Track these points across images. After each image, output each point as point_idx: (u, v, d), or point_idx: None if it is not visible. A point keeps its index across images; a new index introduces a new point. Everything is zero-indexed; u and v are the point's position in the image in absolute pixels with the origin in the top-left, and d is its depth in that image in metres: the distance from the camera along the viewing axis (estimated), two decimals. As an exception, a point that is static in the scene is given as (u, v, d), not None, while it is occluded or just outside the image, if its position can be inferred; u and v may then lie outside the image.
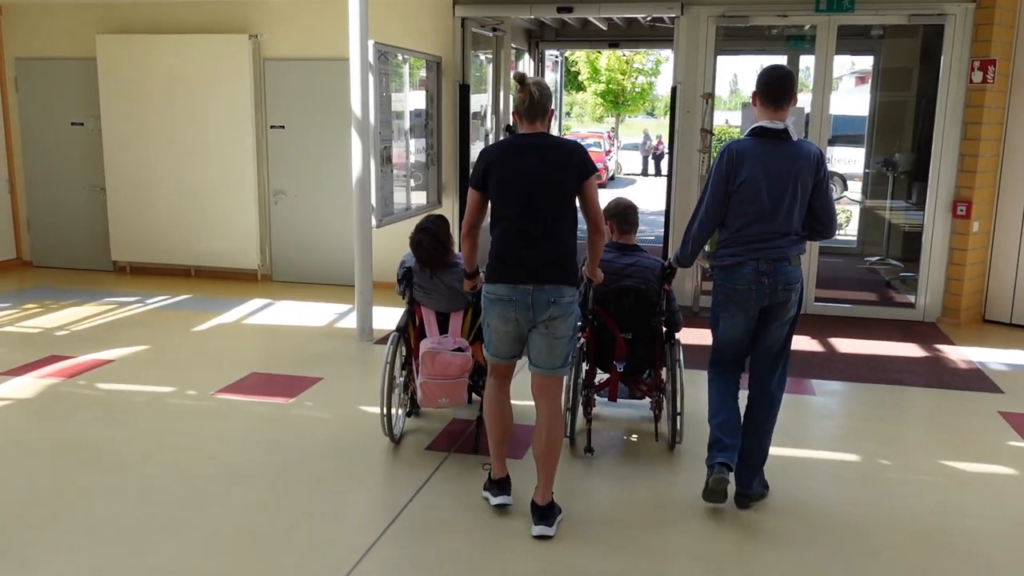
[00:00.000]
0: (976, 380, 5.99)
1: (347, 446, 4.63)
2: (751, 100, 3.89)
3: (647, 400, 4.83)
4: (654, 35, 11.01)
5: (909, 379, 5.99)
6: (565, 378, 3.90)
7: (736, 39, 9.44)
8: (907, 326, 7.53)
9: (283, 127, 8.56)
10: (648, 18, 8.55)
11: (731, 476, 3.85)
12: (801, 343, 6.83)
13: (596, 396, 4.72)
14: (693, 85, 7.71)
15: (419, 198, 8.18)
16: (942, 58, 7.37)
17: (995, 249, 7.63)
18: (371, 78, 6.37)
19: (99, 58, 8.66)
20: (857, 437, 4.93)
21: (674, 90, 7.92)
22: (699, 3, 7.66)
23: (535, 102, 3.64)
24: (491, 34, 9.00)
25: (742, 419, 3.94)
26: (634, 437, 4.88)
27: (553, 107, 3.77)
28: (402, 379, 4.67)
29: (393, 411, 4.54)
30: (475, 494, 4.05)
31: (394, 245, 8.16)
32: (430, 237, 4.46)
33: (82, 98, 8.89)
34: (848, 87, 21.37)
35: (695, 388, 4.66)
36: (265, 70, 8.50)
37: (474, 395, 4.58)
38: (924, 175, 9.78)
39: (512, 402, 3.92)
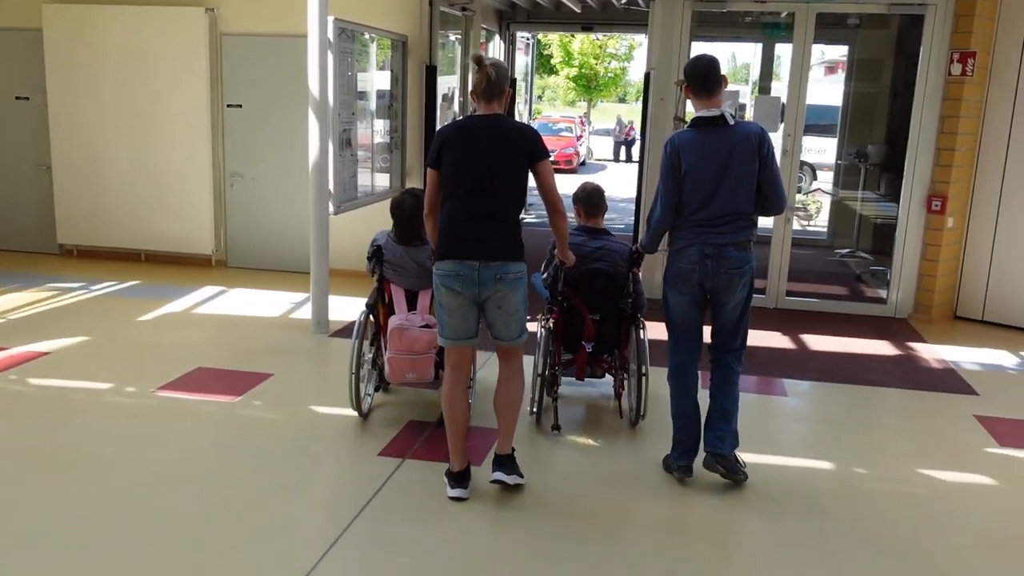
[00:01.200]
0: (950, 381, 5.84)
1: (295, 451, 4.34)
2: (686, 94, 4.04)
3: (609, 378, 4.99)
4: (628, 19, 10.76)
5: (882, 379, 5.82)
6: (535, 357, 4.41)
7: (710, 25, 9.18)
8: (879, 322, 7.38)
9: (240, 106, 8.19)
10: (623, 0, 8.28)
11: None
12: (772, 340, 6.65)
13: (562, 376, 4.82)
14: (667, 71, 7.46)
15: (383, 181, 7.87)
16: (921, 49, 7.18)
17: (968, 245, 7.49)
18: (330, 57, 6.05)
19: (45, 29, 8.20)
20: (831, 443, 4.74)
21: (647, 76, 7.67)
22: (674, -13, 7.40)
23: (492, 83, 3.73)
24: (460, 13, 8.69)
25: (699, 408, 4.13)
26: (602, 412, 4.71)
27: (510, 88, 3.90)
28: (370, 354, 4.74)
29: (362, 386, 4.59)
30: (429, 505, 3.80)
31: (354, 230, 7.86)
32: (414, 198, 4.56)
33: (27, 71, 8.42)
34: (817, 76, 21.25)
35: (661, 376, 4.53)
36: (222, 46, 8.12)
37: (441, 372, 4.53)
38: (896, 167, 9.67)
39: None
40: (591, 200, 4.78)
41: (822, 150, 17.63)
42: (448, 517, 3.73)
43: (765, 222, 7.15)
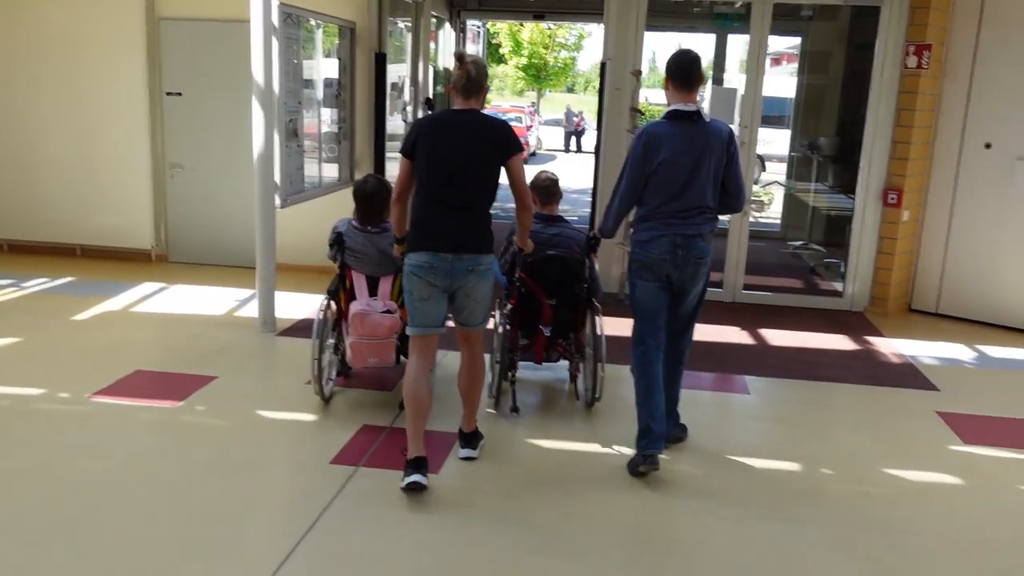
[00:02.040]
0: (910, 376, 5.81)
1: (242, 459, 4.10)
2: (664, 85, 4.10)
3: (564, 362, 5.12)
4: (581, 7, 10.59)
5: (843, 375, 5.77)
6: (495, 341, 4.59)
7: (660, 15, 9.06)
8: (835, 316, 7.34)
9: (180, 94, 7.83)
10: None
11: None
12: (731, 335, 6.57)
13: (519, 360, 4.90)
14: (623, 61, 7.31)
15: (331, 172, 7.58)
16: (876, 42, 7.14)
17: (923, 238, 7.49)
18: (275, 43, 5.76)
19: (-31, 12, 7.76)
20: (794, 442, 4.65)
21: (603, 66, 7.50)
22: (631, -27, 7.25)
23: (471, 80, 3.85)
24: (410, 0, 8.43)
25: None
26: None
27: (488, 85, 4.01)
28: (332, 340, 4.76)
29: (324, 373, 4.66)
30: (386, 517, 3.60)
31: (302, 224, 7.59)
32: (376, 180, 4.75)
33: (-50, 56, 7.97)
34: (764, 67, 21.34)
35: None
36: (160, 30, 7.74)
37: (402, 357, 4.69)
38: (848, 159, 9.69)
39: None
40: (547, 189, 4.91)
41: (769, 141, 17.72)
42: (407, 528, 3.53)
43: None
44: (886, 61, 7.12)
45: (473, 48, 11.77)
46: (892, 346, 6.49)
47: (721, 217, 4.25)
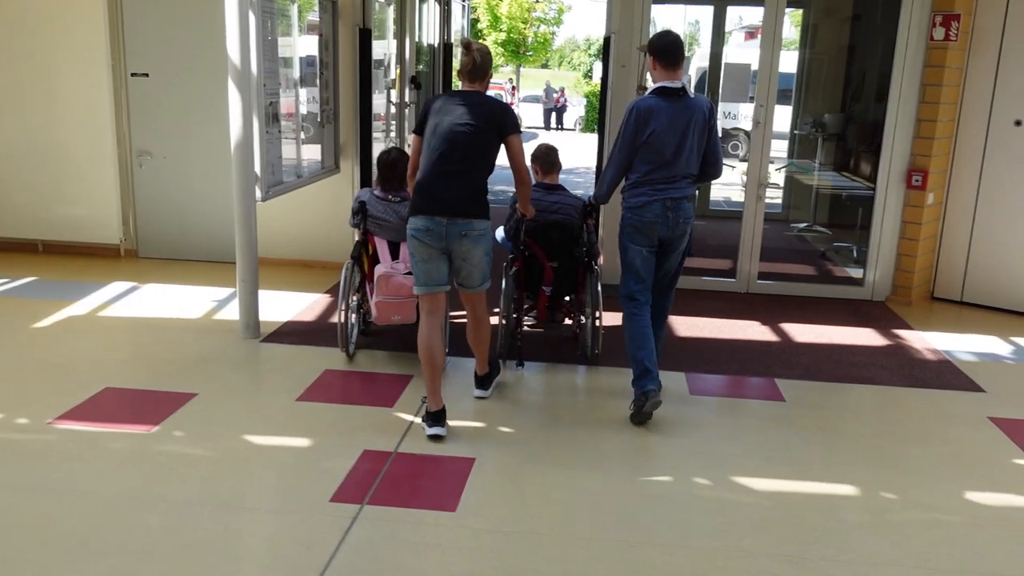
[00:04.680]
0: (950, 376, 5.37)
1: (227, 500, 3.56)
2: (649, 64, 4.42)
3: (567, 322, 5.59)
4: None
5: (880, 375, 5.32)
6: (500, 302, 5.05)
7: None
8: (856, 306, 6.90)
9: (147, 75, 7.20)
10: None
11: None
12: (752, 331, 6.11)
13: (525, 317, 5.39)
14: (628, 36, 6.77)
15: (312, 155, 6.99)
16: (900, 12, 6.64)
17: (947, 222, 7.06)
18: (252, 18, 5.17)
19: (-89, -14, 7.06)
20: (845, 459, 4.18)
21: (607, 41, 6.97)
22: (637, -60, 6.70)
23: (477, 66, 4.22)
24: (395, -29, 7.83)
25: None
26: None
27: (491, 72, 4.33)
28: (355, 301, 5.19)
29: (349, 327, 5.14)
30: (401, 567, 3.09)
31: (283, 215, 7.02)
32: (398, 150, 5.22)
33: None
34: (738, 41, 20.77)
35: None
36: (123, 5, 7.10)
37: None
38: (856, 137, 9.25)
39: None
40: (548, 158, 5.35)
41: (747, 116, 17.23)
42: (424, 586, 3.03)
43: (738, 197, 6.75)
44: (911, 33, 6.63)
45: (459, 23, 11.18)
46: (924, 340, 6.06)
47: (737, 197, 4.19)
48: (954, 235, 7.03)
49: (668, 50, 4.35)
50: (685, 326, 6.17)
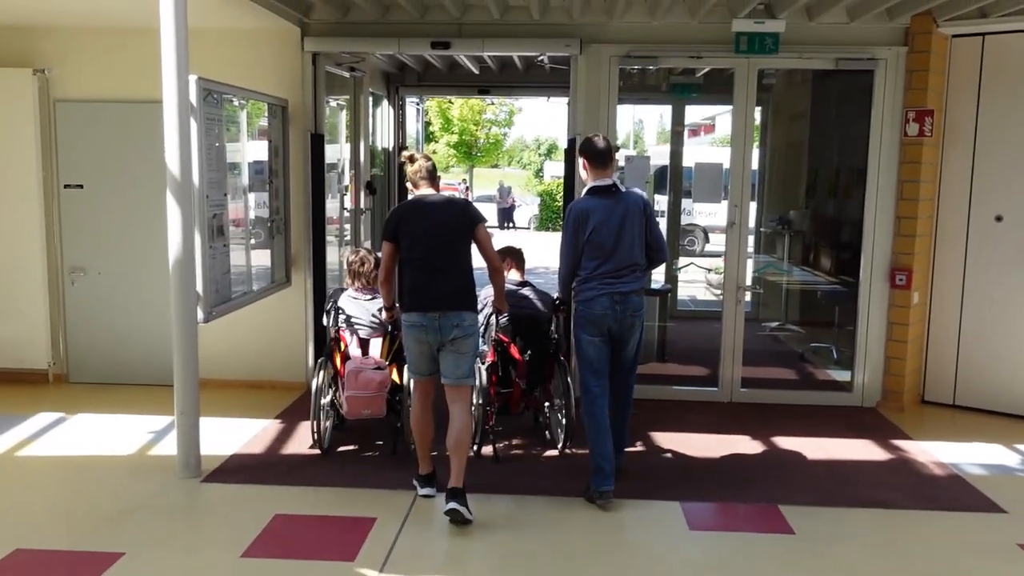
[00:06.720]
0: (966, 495, 4.93)
1: None
2: (582, 166, 4.85)
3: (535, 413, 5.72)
4: (528, 80, 9.82)
5: (891, 497, 4.86)
6: (473, 395, 4.90)
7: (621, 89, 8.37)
8: (847, 414, 6.49)
9: (81, 186, 6.70)
10: (542, 58, 7.34)
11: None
12: (744, 447, 5.66)
13: (494, 411, 5.39)
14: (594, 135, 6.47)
15: (262, 261, 6.48)
16: (872, 109, 6.47)
17: (933, 322, 6.75)
18: (193, 125, 4.75)
19: None
20: (874, 605, 3.67)
21: (572, 142, 6.67)
22: (600, 40, 6.49)
23: (433, 167, 4.63)
24: (348, 75, 7.52)
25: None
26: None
27: (440, 175, 4.73)
28: (328, 396, 5.27)
29: (321, 424, 5.27)
30: None
31: (232, 328, 6.37)
32: (366, 250, 5.54)
33: None
34: (685, 138, 20.96)
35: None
36: (56, 114, 6.64)
37: (390, 408, 5.23)
38: (824, 234, 9.04)
39: None
40: (518, 256, 5.77)
41: (712, 213, 17.21)
42: None
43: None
44: (884, 129, 6.45)
45: (414, 126, 10.94)
46: (926, 452, 5.64)
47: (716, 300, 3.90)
48: (942, 335, 6.71)
49: (599, 153, 4.76)
50: (673, 444, 5.68)
